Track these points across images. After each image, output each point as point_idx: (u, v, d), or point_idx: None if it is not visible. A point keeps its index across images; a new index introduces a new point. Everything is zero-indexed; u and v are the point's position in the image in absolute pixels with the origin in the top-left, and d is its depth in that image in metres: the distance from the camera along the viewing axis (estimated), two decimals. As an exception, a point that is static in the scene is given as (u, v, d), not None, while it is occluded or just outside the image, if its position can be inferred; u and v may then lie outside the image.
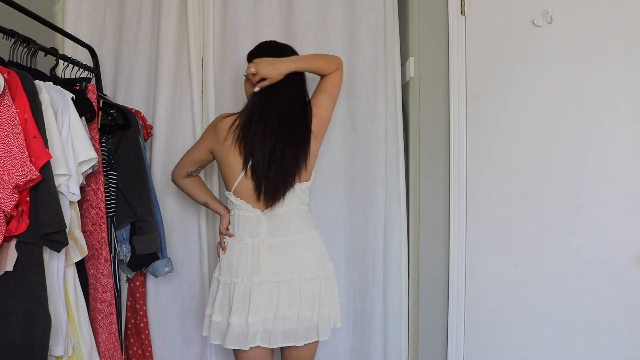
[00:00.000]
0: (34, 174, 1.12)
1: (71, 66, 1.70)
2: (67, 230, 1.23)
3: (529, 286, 1.86)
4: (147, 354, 1.95)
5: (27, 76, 1.21)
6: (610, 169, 1.77)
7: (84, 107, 1.46)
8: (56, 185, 1.22)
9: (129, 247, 1.79)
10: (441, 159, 1.94)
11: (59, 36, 2.00)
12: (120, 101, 2.09)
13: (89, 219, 1.56)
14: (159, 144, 2.06)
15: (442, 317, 1.95)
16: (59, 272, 1.30)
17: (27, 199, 1.16)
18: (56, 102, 1.31)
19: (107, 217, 1.68)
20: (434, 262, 1.95)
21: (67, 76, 1.70)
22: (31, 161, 1.14)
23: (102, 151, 1.66)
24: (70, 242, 1.33)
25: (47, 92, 1.27)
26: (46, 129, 1.23)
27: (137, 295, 1.94)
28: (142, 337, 1.94)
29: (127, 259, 1.79)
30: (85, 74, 1.80)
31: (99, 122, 1.68)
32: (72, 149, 1.32)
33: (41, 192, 1.17)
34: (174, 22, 2.05)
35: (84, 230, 1.49)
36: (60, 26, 1.96)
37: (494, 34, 1.89)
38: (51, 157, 1.19)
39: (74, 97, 1.40)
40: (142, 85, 2.12)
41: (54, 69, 1.57)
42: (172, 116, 2.07)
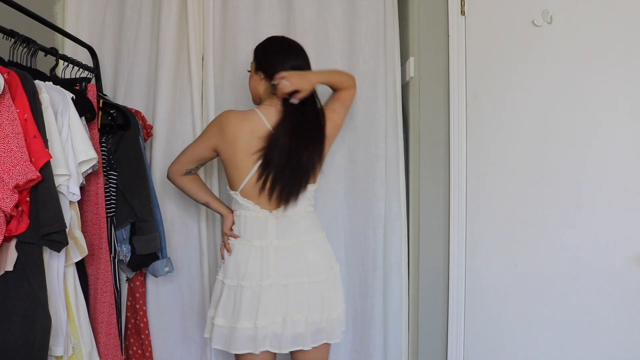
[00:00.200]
0: (34, 174, 1.12)
1: (71, 66, 1.70)
2: (67, 230, 1.23)
3: (529, 286, 1.86)
4: (147, 354, 1.95)
5: (27, 76, 1.21)
6: (610, 169, 1.77)
7: (84, 107, 1.46)
8: (56, 185, 1.22)
9: (129, 247, 1.79)
10: (441, 159, 1.94)
11: (59, 36, 2.00)
12: (120, 101, 2.09)
13: (89, 219, 1.56)
14: (159, 144, 2.06)
15: (442, 317, 1.95)
16: (59, 272, 1.30)
17: (27, 199, 1.16)
18: (56, 102, 1.31)
19: (107, 217, 1.68)
20: (434, 262, 1.95)
21: (67, 76, 1.70)
22: (31, 161, 1.14)
23: (102, 151, 1.66)
24: (70, 242, 1.33)
25: (47, 92, 1.27)
26: (46, 129, 1.23)
27: (137, 295, 1.94)
28: (142, 337, 1.94)
29: (127, 259, 1.79)
30: (85, 74, 1.79)
31: (99, 122, 1.68)
32: (72, 149, 1.32)
33: (41, 192, 1.17)
34: (174, 22, 2.05)
35: (84, 230, 1.48)
36: (60, 26, 1.96)
37: (494, 34, 1.89)
38: (51, 157, 1.19)
39: (74, 97, 1.40)
40: (142, 85, 2.12)
41: (54, 69, 1.57)
42: (172, 116, 2.07)
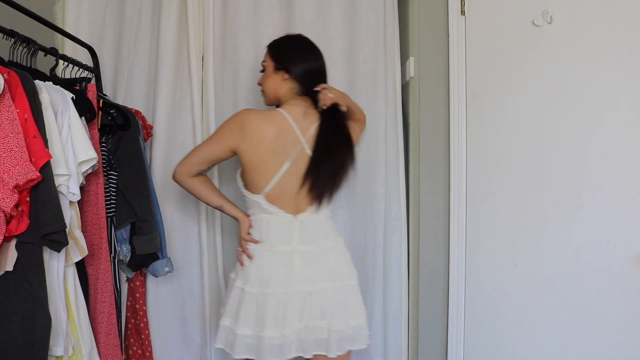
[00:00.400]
0: (34, 174, 1.13)
1: (71, 66, 1.71)
2: (67, 230, 1.23)
3: (529, 286, 1.86)
4: (147, 354, 1.95)
5: (27, 76, 1.21)
6: (610, 169, 1.77)
7: (84, 107, 1.46)
8: (56, 185, 1.22)
9: (129, 247, 1.79)
10: (441, 159, 1.94)
11: (59, 36, 2.00)
12: (120, 101, 2.09)
13: (89, 219, 1.56)
14: (159, 144, 2.06)
15: (442, 317, 1.95)
16: (59, 272, 1.30)
17: (27, 199, 1.16)
18: (56, 102, 1.31)
19: (107, 217, 1.68)
20: (434, 262, 1.95)
21: (67, 76, 1.70)
22: (31, 161, 1.14)
23: (102, 151, 1.66)
24: (70, 242, 1.33)
25: (47, 92, 1.27)
26: (46, 129, 1.23)
27: (137, 295, 1.94)
28: (142, 337, 1.94)
29: (127, 259, 1.79)
30: (85, 74, 1.79)
31: (99, 122, 1.68)
32: (72, 149, 1.32)
33: (41, 192, 1.17)
34: (174, 22, 2.05)
35: (84, 230, 1.49)
36: (60, 26, 1.96)
37: (494, 34, 1.89)
38: (51, 157, 1.19)
39: (74, 97, 1.40)
40: (142, 85, 2.12)
41: (54, 69, 1.57)
42: (172, 116, 2.06)
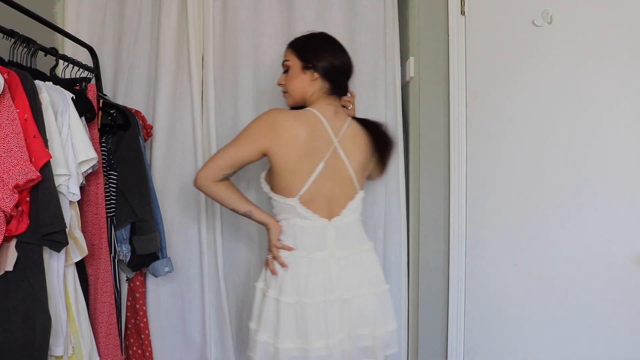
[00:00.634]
0: (34, 174, 1.13)
1: (71, 66, 1.71)
2: (67, 230, 1.23)
3: (529, 286, 1.86)
4: (147, 354, 1.95)
5: (27, 76, 1.21)
6: (610, 169, 1.77)
7: (84, 107, 1.46)
8: (56, 185, 1.23)
9: (129, 247, 1.79)
10: (441, 159, 1.93)
11: (59, 36, 2.00)
12: (120, 101, 2.09)
13: (89, 219, 1.56)
14: (159, 144, 2.06)
15: (442, 317, 1.95)
16: (59, 272, 1.30)
17: (27, 199, 1.16)
18: (56, 102, 1.31)
19: (107, 217, 1.68)
20: (434, 262, 1.95)
21: (67, 76, 1.70)
22: (31, 161, 1.14)
23: (102, 151, 1.66)
24: (70, 242, 1.33)
25: (47, 92, 1.27)
26: (46, 129, 1.23)
27: (137, 295, 1.94)
28: (142, 337, 1.94)
29: (127, 259, 1.79)
30: (85, 74, 1.80)
31: (99, 122, 1.68)
32: (72, 149, 1.32)
33: (41, 192, 1.17)
34: (174, 22, 2.05)
35: (84, 230, 1.49)
36: (60, 26, 1.96)
37: (494, 34, 1.89)
38: (51, 157, 1.19)
39: (74, 97, 1.40)
40: (142, 85, 2.12)
41: (54, 69, 1.58)
42: (172, 116, 2.06)
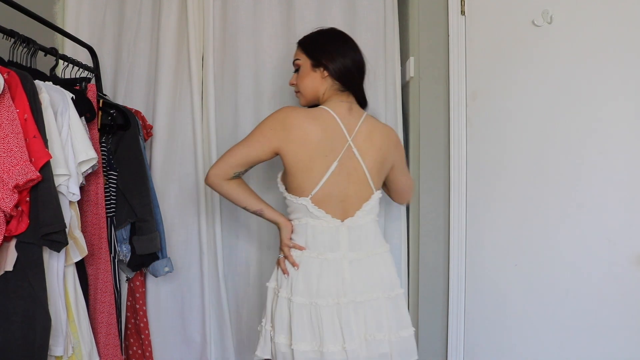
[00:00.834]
0: (34, 174, 1.13)
1: (71, 66, 1.71)
2: (67, 230, 1.23)
3: (529, 286, 1.86)
4: (147, 354, 1.95)
5: (27, 76, 1.22)
6: (610, 168, 1.77)
7: (83, 107, 1.46)
8: (56, 185, 1.23)
9: (129, 247, 1.79)
10: (441, 159, 1.93)
11: (59, 36, 2.00)
12: (120, 101, 2.09)
13: (89, 219, 1.56)
14: (159, 144, 2.06)
15: (442, 317, 1.95)
16: (59, 272, 1.30)
17: (27, 199, 1.16)
18: (56, 102, 1.31)
19: (107, 217, 1.68)
20: (434, 262, 1.95)
21: (67, 76, 1.70)
22: (31, 161, 1.14)
23: (102, 151, 1.66)
24: (70, 242, 1.33)
25: (47, 92, 1.27)
26: (46, 129, 1.23)
27: (137, 295, 1.94)
28: (142, 337, 1.94)
29: (127, 259, 1.79)
30: (85, 74, 1.79)
31: (99, 122, 1.68)
32: (72, 149, 1.32)
33: (41, 192, 1.17)
34: (174, 22, 2.05)
35: (83, 230, 1.49)
36: (60, 26, 1.96)
37: (494, 34, 1.89)
38: (51, 157, 1.19)
39: (74, 97, 1.40)
40: (142, 85, 2.12)
41: (54, 69, 1.58)
42: (172, 116, 2.06)
